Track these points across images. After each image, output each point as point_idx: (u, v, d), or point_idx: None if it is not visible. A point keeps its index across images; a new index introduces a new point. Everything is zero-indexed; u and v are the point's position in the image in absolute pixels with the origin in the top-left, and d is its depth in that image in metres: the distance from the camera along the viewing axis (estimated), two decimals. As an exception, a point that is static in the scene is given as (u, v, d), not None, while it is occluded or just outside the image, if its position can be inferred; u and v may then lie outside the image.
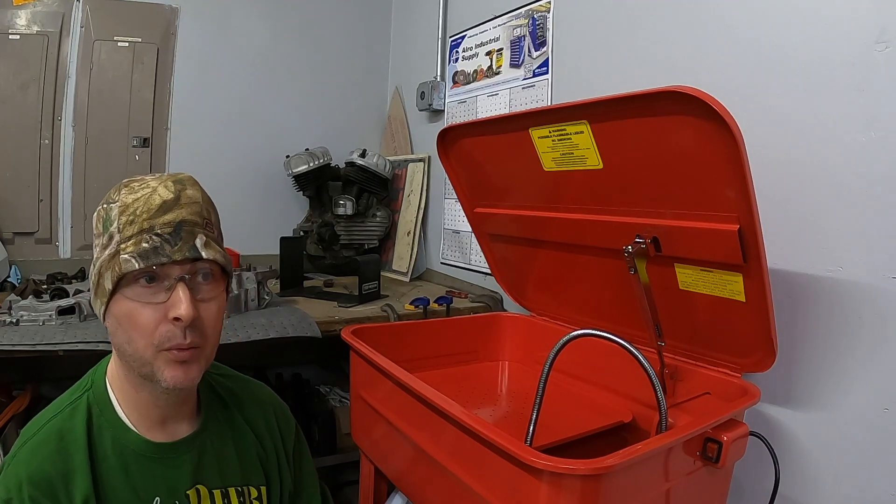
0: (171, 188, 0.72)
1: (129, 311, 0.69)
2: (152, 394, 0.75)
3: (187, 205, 0.72)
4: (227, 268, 0.76)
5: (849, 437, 1.00)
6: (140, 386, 0.74)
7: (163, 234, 0.69)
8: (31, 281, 1.73)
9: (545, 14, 1.65)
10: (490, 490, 0.82)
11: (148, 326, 0.69)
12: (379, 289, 1.81)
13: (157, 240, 0.69)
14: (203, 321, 0.72)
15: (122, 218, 0.70)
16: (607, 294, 1.21)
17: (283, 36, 2.34)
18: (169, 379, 0.70)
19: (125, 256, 0.68)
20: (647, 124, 0.90)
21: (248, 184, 2.31)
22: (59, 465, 0.69)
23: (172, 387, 0.71)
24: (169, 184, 0.73)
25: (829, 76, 1.00)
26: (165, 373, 0.70)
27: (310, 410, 1.92)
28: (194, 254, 0.70)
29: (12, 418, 1.53)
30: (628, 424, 1.14)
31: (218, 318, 0.75)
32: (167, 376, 0.70)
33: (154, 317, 0.69)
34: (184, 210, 0.71)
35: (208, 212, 0.75)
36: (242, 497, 0.83)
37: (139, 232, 0.69)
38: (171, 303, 0.69)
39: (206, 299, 0.73)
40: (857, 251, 0.97)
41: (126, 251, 0.68)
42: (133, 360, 0.71)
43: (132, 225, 0.69)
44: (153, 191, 0.71)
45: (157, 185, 0.72)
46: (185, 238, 0.70)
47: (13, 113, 1.91)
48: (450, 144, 1.34)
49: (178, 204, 0.71)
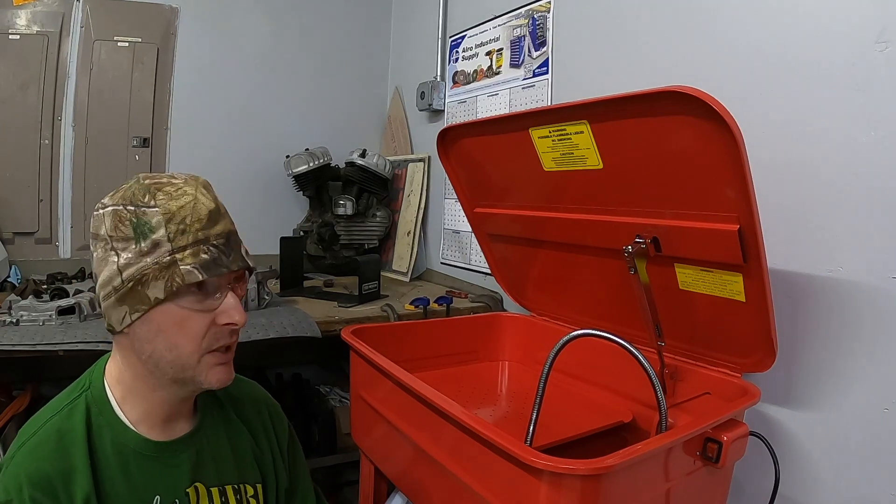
0: (208, 196, 0.75)
1: (180, 318, 0.71)
2: (172, 394, 0.76)
3: (225, 214, 0.76)
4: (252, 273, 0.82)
5: (849, 437, 1.00)
6: (160, 387, 0.75)
7: (218, 245, 0.72)
8: (31, 281, 1.73)
9: (545, 14, 1.65)
10: (490, 490, 0.82)
11: (199, 333, 0.72)
12: (379, 289, 1.81)
13: (215, 251, 0.72)
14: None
15: (170, 226, 0.70)
16: (607, 294, 1.21)
17: (284, 36, 2.34)
18: (215, 381, 0.75)
19: (187, 268, 0.69)
20: (647, 124, 0.90)
21: (248, 184, 2.31)
22: (58, 465, 0.69)
23: (218, 387, 0.75)
24: (202, 190, 0.75)
25: (829, 76, 1.00)
26: (210, 375, 0.74)
27: (310, 410, 1.91)
28: (244, 264, 0.76)
29: (12, 418, 1.53)
30: (628, 424, 1.14)
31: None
32: (213, 379, 0.75)
33: (205, 323, 0.72)
34: (226, 219, 0.76)
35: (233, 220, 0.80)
36: (239, 495, 0.83)
37: (194, 242, 0.70)
38: (223, 309, 0.73)
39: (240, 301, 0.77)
40: (857, 251, 0.97)
41: (185, 262, 0.69)
42: (172, 366, 0.73)
43: (185, 234, 0.70)
44: (194, 199, 0.72)
45: (193, 191, 0.73)
46: (234, 248, 0.75)
47: (13, 113, 1.92)
48: (450, 144, 1.34)
49: (221, 213, 0.75)
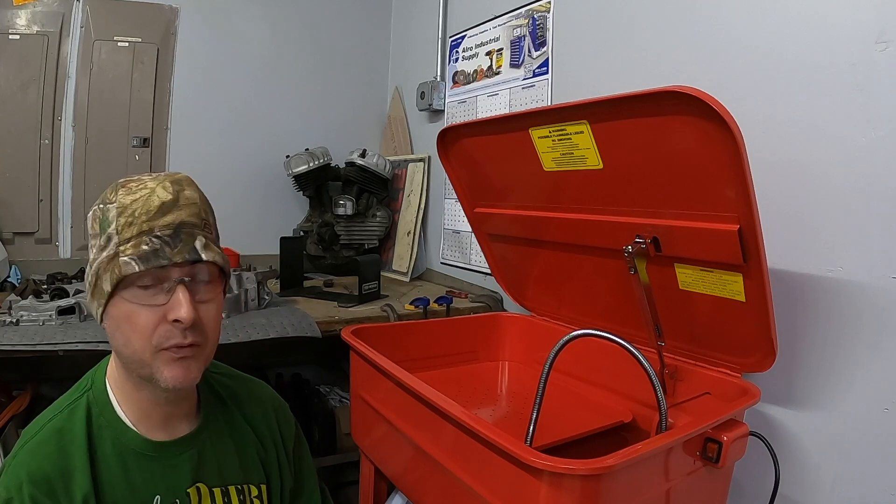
0: (170, 189, 0.72)
1: (127, 313, 0.69)
2: (153, 393, 0.75)
3: (186, 206, 0.72)
4: (226, 269, 0.76)
5: (849, 437, 1.00)
6: (140, 386, 0.74)
7: (163, 237, 0.69)
8: (31, 281, 1.73)
9: (545, 14, 1.65)
10: (490, 490, 0.82)
11: (147, 328, 0.69)
12: (379, 289, 1.81)
13: (158, 242, 0.68)
14: (203, 322, 0.72)
15: (120, 219, 0.69)
16: (607, 294, 1.21)
17: (284, 36, 2.34)
18: (169, 379, 0.70)
19: (125, 259, 0.67)
20: (647, 124, 0.90)
21: (248, 184, 2.31)
22: (58, 465, 0.69)
23: (172, 386, 0.71)
24: (167, 184, 0.72)
25: (829, 76, 1.00)
26: (165, 372, 0.70)
27: (310, 410, 1.91)
28: (194, 256, 0.70)
29: (12, 418, 1.53)
30: (628, 424, 1.14)
31: (217, 319, 0.76)
32: (167, 376, 0.70)
33: (153, 318, 0.69)
34: (183, 211, 0.71)
35: (206, 212, 0.75)
36: (242, 495, 0.83)
37: (139, 234, 0.69)
38: (171, 305, 0.69)
39: (206, 300, 0.73)
40: (856, 251, 0.97)
41: (126, 253, 0.68)
42: (131, 362, 0.71)
43: (131, 227, 0.69)
44: (151, 192, 0.71)
45: (156, 185, 0.71)
46: (184, 240, 0.70)
47: (13, 113, 1.91)
48: (450, 144, 1.34)
49: (177, 205, 0.71)
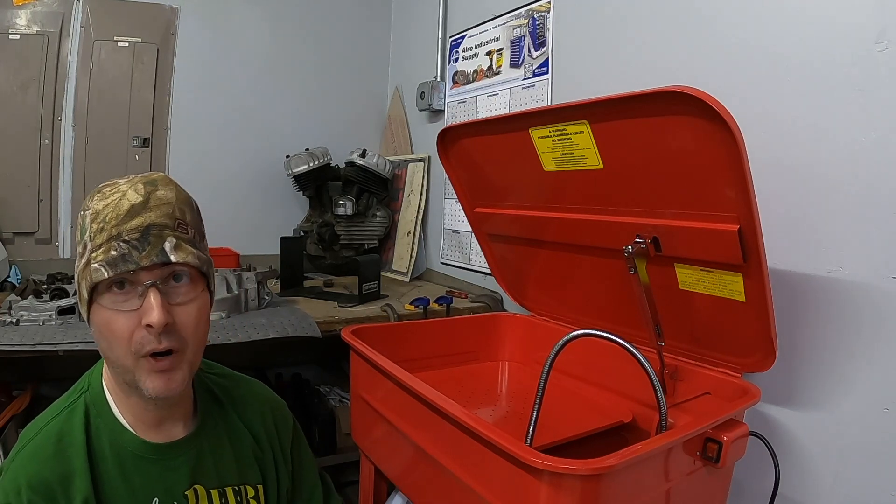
0: (141, 191, 0.70)
1: (106, 319, 0.68)
2: (142, 398, 0.73)
3: (156, 207, 0.70)
4: (203, 268, 0.73)
5: (849, 437, 1.00)
6: (129, 391, 0.74)
7: (130, 241, 0.67)
8: (31, 281, 1.73)
9: (545, 14, 1.65)
10: (490, 490, 0.82)
11: (124, 334, 0.67)
12: (379, 289, 1.81)
13: (125, 247, 0.67)
14: (179, 325, 0.70)
15: (93, 226, 0.69)
16: (607, 294, 1.21)
17: (284, 36, 2.34)
18: (151, 389, 0.69)
19: (95, 266, 0.66)
20: (647, 124, 0.90)
21: (249, 184, 2.31)
22: (57, 469, 0.69)
23: (155, 396, 0.70)
24: (139, 186, 0.70)
25: (829, 76, 0.99)
26: (147, 382, 0.69)
27: (310, 410, 1.92)
28: (163, 258, 0.68)
29: (12, 418, 1.54)
30: (628, 424, 1.14)
31: (199, 320, 0.73)
32: (149, 386, 0.69)
33: (128, 324, 0.67)
34: (152, 213, 0.69)
35: (182, 211, 0.72)
36: (239, 496, 0.83)
37: (108, 239, 0.67)
38: (144, 310, 0.67)
39: (183, 302, 0.71)
40: (856, 251, 0.97)
41: (96, 260, 0.67)
42: (116, 367, 0.71)
43: (102, 232, 0.68)
44: (122, 195, 0.69)
45: (128, 188, 0.70)
46: (153, 242, 0.68)
47: (13, 113, 1.91)
48: (450, 144, 1.34)
49: (147, 207, 0.69)
